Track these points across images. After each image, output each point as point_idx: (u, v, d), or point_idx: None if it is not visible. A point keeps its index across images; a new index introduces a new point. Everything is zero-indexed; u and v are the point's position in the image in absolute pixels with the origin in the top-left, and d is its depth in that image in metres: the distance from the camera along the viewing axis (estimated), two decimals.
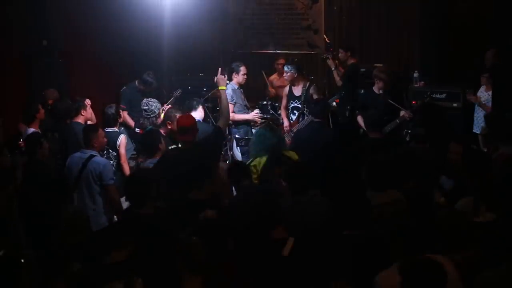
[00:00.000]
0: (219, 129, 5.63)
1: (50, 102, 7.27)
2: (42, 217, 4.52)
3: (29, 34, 8.12)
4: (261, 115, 7.83)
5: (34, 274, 3.36)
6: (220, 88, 6.06)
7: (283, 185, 4.63)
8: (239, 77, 7.81)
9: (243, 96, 7.96)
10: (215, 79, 5.93)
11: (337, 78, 8.61)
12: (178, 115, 6.27)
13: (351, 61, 8.63)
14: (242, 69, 7.82)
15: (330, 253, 3.58)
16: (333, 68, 8.65)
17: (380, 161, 4.59)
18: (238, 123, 7.91)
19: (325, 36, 9.62)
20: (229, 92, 7.54)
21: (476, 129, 7.99)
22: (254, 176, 5.37)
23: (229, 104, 7.29)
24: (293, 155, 5.61)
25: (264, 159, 5.53)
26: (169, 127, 6.37)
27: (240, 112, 7.85)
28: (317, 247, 3.64)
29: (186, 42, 10.80)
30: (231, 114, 7.43)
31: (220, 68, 6.11)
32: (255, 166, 5.53)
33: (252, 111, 8.10)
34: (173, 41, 10.75)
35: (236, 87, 7.82)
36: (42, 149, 5.71)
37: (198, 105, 6.90)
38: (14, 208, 4.58)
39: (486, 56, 7.95)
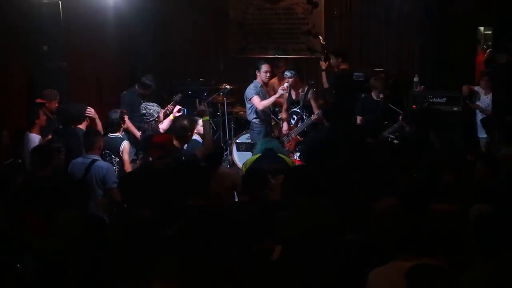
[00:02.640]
0: (195, 157, 5.56)
1: (50, 104, 7.24)
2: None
3: (30, 40, 8.11)
4: (286, 87, 7.67)
5: None
6: (203, 119, 6.08)
7: (271, 181, 4.68)
8: (261, 74, 7.95)
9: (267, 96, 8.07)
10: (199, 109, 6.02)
11: (324, 80, 8.64)
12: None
13: (342, 66, 8.57)
14: (264, 67, 7.96)
15: (328, 259, 3.57)
16: (323, 69, 8.67)
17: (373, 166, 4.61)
18: (254, 127, 7.94)
19: (320, 37, 9.59)
20: (251, 88, 7.83)
21: (480, 133, 8.00)
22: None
23: (255, 97, 7.67)
24: (289, 160, 5.64)
25: (255, 156, 5.62)
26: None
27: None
28: (310, 253, 3.62)
29: (186, 46, 10.81)
30: (261, 104, 7.70)
31: (197, 100, 6.20)
32: (245, 164, 5.58)
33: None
34: (174, 46, 10.77)
35: (259, 85, 7.95)
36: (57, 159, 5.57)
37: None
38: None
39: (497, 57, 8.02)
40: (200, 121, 6.42)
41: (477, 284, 3.07)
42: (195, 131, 6.41)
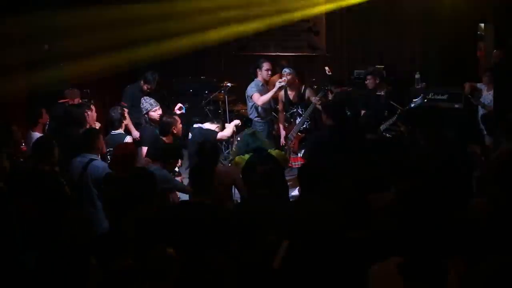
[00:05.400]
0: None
1: (74, 101, 7.31)
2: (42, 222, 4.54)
3: (30, 38, 8.11)
4: (284, 80, 7.70)
5: None
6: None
7: None
8: (263, 72, 8.02)
9: None
10: None
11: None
12: (178, 119, 6.39)
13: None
14: (265, 65, 8.02)
15: (330, 256, 3.58)
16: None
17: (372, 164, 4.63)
18: (256, 125, 7.95)
19: (327, 68, 9.50)
20: (252, 86, 7.94)
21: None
22: None
23: (255, 94, 7.81)
24: (279, 154, 5.64)
25: (246, 157, 5.61)
26: (175, 131, 6.41)
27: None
28: (316, 250, 3.64)
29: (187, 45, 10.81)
30: (260, 99, 7.73)
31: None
32: (237, 163, 5.59)
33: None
34: (174, 44, 10.76)
35: (260, 83, 8.00)
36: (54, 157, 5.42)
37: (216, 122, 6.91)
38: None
39: (493, 56, 8.03)
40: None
41: (485, 276, 3.08)
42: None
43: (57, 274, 3.59)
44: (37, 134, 6.63)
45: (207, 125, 6.75)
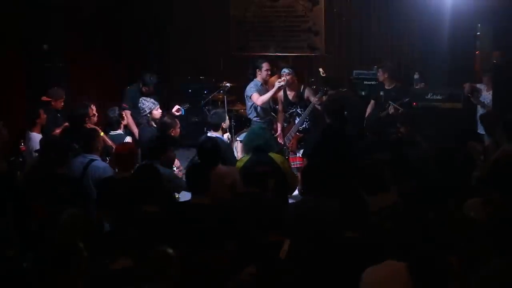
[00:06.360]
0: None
1: (56, 103, 7.28)
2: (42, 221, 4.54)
3: (30, 38, 8.11)
4: (283, 79, 7.63)
5: None
6: None
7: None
8: (262, 73, 8.05)
9: None
10: None
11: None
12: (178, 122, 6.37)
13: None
14: (264, 65, 8.06)
15: (330, 256, 3.58)
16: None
17: (372, 164, 4.62)
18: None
19: (320, 69, 9.39)
20: (251, 86, 7.94)
21: (481, 130, 7.98)
22: None
23: (254, 94, 7.79)
24: (278, 157, 5.63)
25: (246, 158, 5.60)
26: (172, 134, 6.38)
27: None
28: (316, 249, 3.64)
29: (186, 44, 10.81)
30: (260, 99, 7.69)
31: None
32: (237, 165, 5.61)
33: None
34: (174, 45, 10.78)
35: (260, 83, 8.01)
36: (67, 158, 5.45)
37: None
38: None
39: (493, 56, 8.04)
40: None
41: (490, 280, 3.07)
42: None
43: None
44: (35, 135, 6.67)
45: (214, 133, 6.61)
